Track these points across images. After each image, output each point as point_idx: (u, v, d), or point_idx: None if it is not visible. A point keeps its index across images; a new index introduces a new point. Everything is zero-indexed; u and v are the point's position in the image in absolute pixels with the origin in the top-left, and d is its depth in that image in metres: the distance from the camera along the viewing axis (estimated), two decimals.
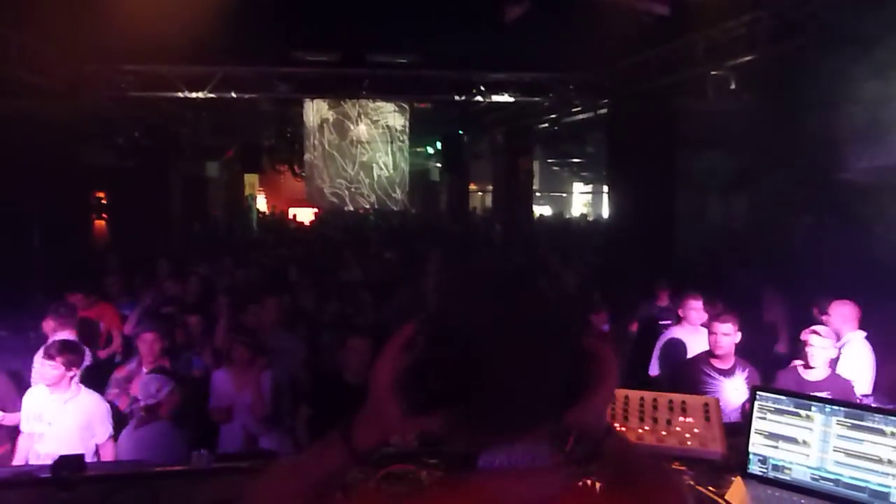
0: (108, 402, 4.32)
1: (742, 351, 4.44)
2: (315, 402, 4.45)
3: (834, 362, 4.34)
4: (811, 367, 4.19)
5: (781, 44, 6.27)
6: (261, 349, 4.86)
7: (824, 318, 4.94)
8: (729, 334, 4.28)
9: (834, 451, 2.24)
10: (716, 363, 4.34)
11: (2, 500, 2.21)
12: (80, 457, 2.42)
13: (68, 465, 2.35)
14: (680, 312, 5.52)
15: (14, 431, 4.24)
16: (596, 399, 1.11)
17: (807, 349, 4.19)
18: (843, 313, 4.90)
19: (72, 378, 4.03)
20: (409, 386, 1.05)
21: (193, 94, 10.17)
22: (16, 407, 4.21)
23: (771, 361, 5.28)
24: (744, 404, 4.09)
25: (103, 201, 15.78)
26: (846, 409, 2.25)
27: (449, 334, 1.03)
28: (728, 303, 6.30)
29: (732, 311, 4.54)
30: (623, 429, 2.55)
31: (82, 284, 6.35)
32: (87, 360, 4.82)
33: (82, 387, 4.14)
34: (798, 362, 4.35)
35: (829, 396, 3.45)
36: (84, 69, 9.22)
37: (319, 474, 1.13)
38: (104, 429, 4.05)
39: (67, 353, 3.99)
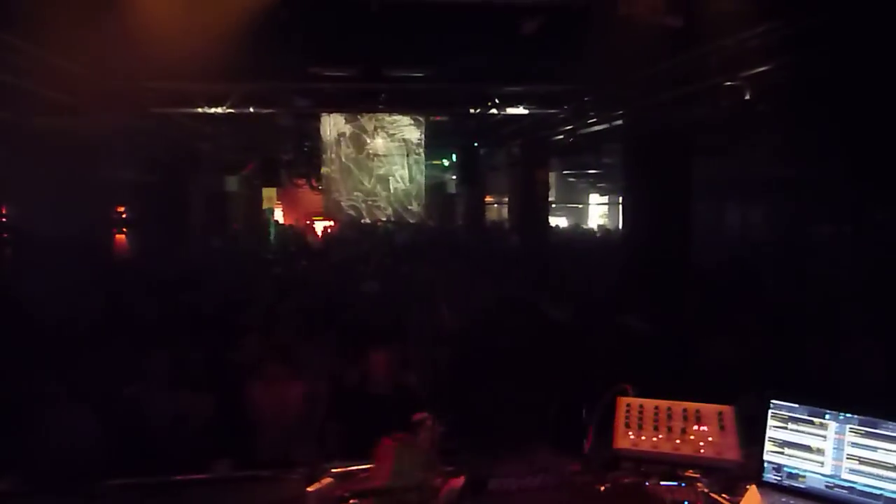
0: None
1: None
2: (341, 416, 4.48)
3: None
4: None
5: (796, 53, 6.27)
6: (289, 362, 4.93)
7: None
8: None
9: (848, 458, 2.24)
10: None
11: None
12: (104, 466, 2.47)
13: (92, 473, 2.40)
14: None
15: None
16: None
17: None
18: None
19: None
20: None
21: (213, 110, 10.34)
22: None
23: None
24: None
25: (124, 216, 16.02)
26: (860, 417, 2.26)
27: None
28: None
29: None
30: (638, 437, 2.57)
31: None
32: None
33: None
34: None
35: None
36: (106, 86, 9.39)
37: None
38: None
39: None
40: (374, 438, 4.32)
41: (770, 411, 2.42)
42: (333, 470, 2.39)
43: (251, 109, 10.61)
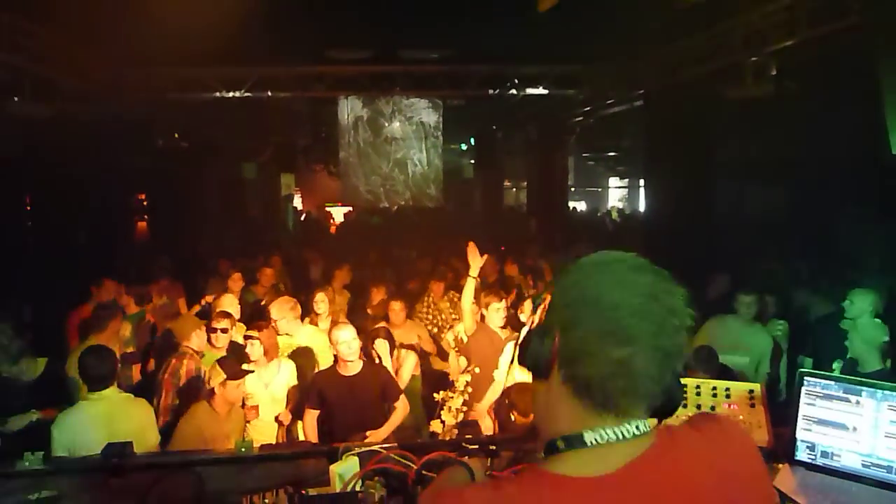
0: None
1: None
2: (316, 400, 4.46)
3: None
4: None
5: (822, 27, 6.11)
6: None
7: None
8: None
9: (885, 437, 2.18)
10: None
11: (53, 486, 2.26)
12: (129, 443, 2.46)
13: (118, 451, 2.40)
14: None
15: None
16: None
17: None
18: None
19: None
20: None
21: (230, 94, 10.31)
22: None
23: None
24: None
25: (144, 203, 16.07)
26: None
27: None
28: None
29: None
30: None
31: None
32: None
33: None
34: None
35: None
36: (122, 72, 9.40)
37: None
38: None
39: None
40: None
41: (804, 389, 2.35)
42: (357, 448, 2.36)
43: (268, 93, 10.57)
